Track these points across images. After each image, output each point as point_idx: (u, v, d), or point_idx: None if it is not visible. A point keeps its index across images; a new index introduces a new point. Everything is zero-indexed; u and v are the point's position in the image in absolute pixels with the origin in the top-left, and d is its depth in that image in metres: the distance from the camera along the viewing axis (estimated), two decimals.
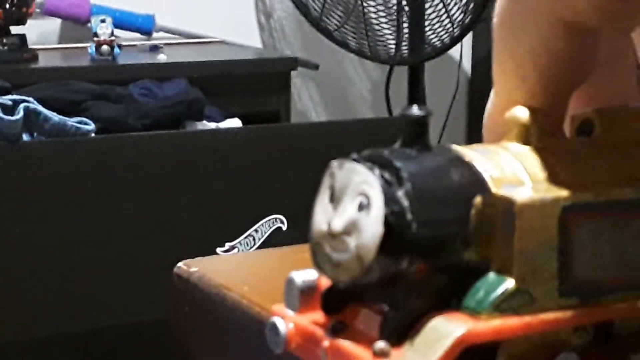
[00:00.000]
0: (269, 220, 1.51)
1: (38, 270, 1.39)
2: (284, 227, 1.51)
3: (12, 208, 1.38)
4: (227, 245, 1.49)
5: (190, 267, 0.49)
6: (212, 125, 1.67)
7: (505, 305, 0.29)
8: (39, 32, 2.18)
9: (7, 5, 1.89)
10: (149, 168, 1.45)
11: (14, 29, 1.95)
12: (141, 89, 1.69)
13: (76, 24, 2.14)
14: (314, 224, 0.30)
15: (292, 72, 2.05)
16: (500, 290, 0.29)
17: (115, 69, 1.93)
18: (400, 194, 0.28)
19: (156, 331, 1.24)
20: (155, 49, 2.11)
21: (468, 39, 2.37)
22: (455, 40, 2.04)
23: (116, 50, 1.96)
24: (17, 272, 1.38)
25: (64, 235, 1.41)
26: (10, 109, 1.40)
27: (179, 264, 0.49)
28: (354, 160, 0.29)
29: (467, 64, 2.56)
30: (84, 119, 1.48)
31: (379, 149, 0.29)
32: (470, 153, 0.30)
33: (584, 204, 0.30)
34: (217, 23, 2.34)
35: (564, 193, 0.30)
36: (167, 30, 2.24)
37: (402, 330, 0.28)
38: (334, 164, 0.30)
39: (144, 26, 2.17)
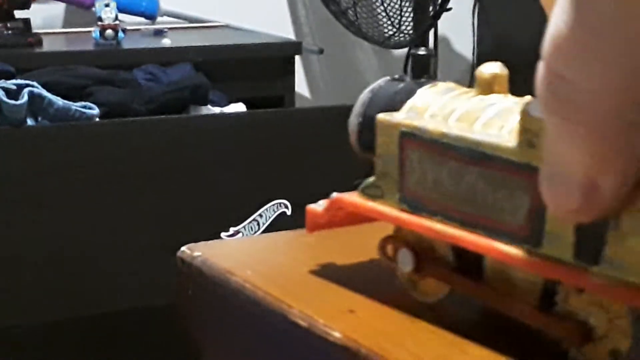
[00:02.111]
0: (274, 204, 1.51)
1: (41, 254, 1.39)
2: (289, 212, 1.51)
3: (15, 192, 1.38)
4: (232, 229, 1.49)
5: (194, 251, 0.49)
6: (217, 110, 1.67)
7: (367, 191, 0.42)
8: (43, 16, 2.18)
9: None
10: (153, 153, 1.45)
11: (18, 13, 1.94)
12: (146, 73, 1.69)
13: (80, 8, 2.13)
14: None
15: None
16: (367, 180, 0.42)
17: (120, 54, 1.93)
18: (361, 103, 0.45)
19: (161, 316, 1.24)
20: (159, 33, 2.11)
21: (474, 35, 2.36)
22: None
23: (120, 34, 1.96)
24: (20, 257, 1.38)
25: (67, 219, 1.41)
26: (14, 93, 1.40)
27: (183, 248, 0.49)
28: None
29: (471, 59, 2.55)
30: (88, 104, 1.48)
31: (402, 77, 0.44)
32: (435, 90, 0.41)
33: (413, 134, 0.39)
34: (221, 7, 2.33)
35: (406, 121, 0.40)
36: (172, 15, 2.23)
37: None
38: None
39: (148, 10, 2.16)
